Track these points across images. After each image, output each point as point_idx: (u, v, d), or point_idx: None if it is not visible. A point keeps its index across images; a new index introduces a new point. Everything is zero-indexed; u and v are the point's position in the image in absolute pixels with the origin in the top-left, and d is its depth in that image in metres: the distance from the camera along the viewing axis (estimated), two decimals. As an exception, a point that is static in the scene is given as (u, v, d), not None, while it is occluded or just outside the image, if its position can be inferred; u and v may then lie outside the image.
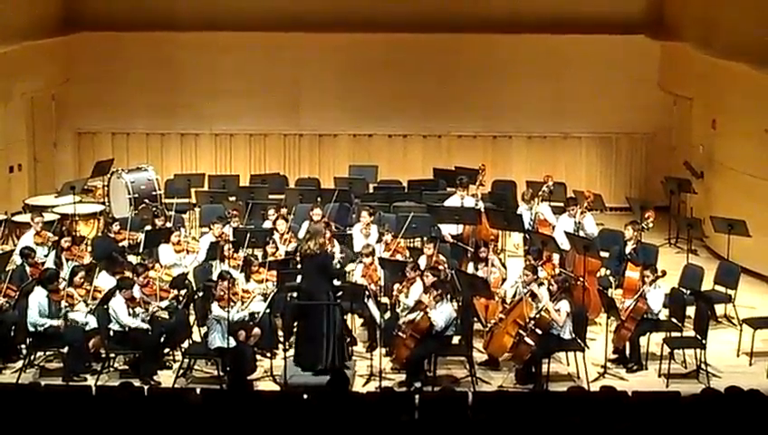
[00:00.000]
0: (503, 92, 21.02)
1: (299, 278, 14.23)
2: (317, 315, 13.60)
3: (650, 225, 15.96)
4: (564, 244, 15.74)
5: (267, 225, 16.51)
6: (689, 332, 14.24)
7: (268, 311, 14.11)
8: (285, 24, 20.66)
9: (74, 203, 17.83)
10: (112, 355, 13.94)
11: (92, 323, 13.87)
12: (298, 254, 14.32)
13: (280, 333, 14.61)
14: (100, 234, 17.61)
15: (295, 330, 14.07)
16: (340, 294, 14.05)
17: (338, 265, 15.04)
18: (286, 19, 20.67)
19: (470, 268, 15.21)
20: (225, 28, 20.73)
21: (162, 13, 20.89)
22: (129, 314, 13.64)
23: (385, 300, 14.63)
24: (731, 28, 17.94)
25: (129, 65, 21.09)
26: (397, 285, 14.36)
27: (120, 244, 16.27)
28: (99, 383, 13.32)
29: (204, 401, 10.81)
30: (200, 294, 14.49)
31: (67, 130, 21.37)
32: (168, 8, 20.95)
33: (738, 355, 14.54)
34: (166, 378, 13.72)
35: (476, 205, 16.81)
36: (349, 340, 14.41)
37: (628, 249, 15.40)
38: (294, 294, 14.26)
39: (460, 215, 16.51)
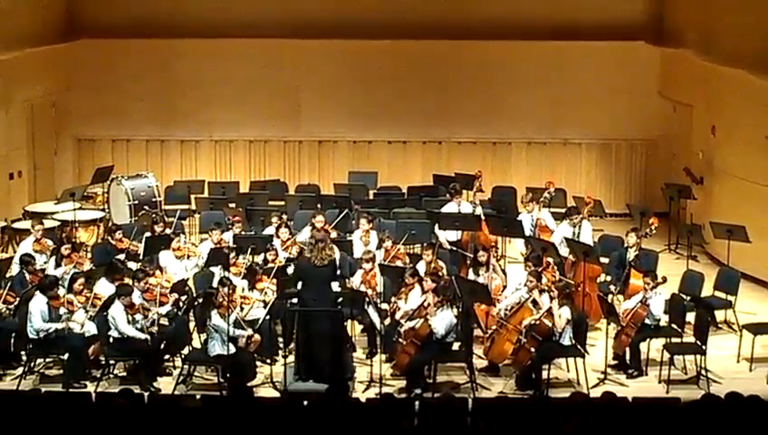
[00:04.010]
0: (503, 99, 21.04)
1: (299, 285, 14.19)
2: (320, 325, 13.56)
3: (654, 231, 15.98)
4: (562, 250, 15.75)
5: (268, 231, 16.51)
6: (689, 338, 14.23)
7: (268, 318, 14.11)
8: (285, 31, 20.69)
9: (74, 210, 17.84)
10: (112, 362, 13.94)
11: (92, 329, 13.86)
12: (303, 262, 14.14)
13: (280, 339, 14.60)
14: (100, 241, 17.62)
15: (294, 339, 14.04)
16: (339, 300, 14.06)
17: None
18: (286, 26, 20.70)
19: (470, 275, 15.21)
20: (226, 35, 20.74)
21: (163, 20, 20.91)
22: (129, 322, 13.63)
23: (385, 306, 14.63)
24: (731, 35, 17.96)
25: (130, 72, 21.11)
26: (393, 298, 14.36)
27: (120, 252, 16.26)
28: (99, 390, 13.33)
29: (204, 408, 10.80)
30: (200, 300, 14.48)
31: (67, 136, 21.37)
32: (168, 16, 20.97)
33: (738, 361, 14.54)
34: (166, 385, 13.71)
35: (474, 211, 16.82)
36: (348, 345, 14.41)
37: (630, 256, 15.37)
38: (294, 301, 14.24)
39: (461, 221, 16.51)
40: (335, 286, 14.39)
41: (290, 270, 14.93)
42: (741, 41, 17.60)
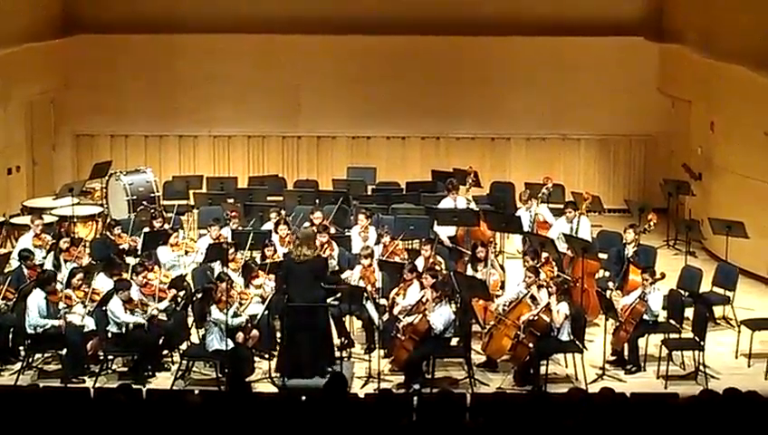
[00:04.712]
0: (501, 95, 21.04)
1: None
2: (301, 321, 13.55)
3: (652, 227, 15.99)
4: (560, 246, 15.76)
5: (267, 226, 16.51)
6: (688, 333, 14.24)
7: (266, 313, 14.11)
8: (284, 27, 20.68)
9: (73, 205, 17.83)
10: (111, 357, 13.94)
11: (91, 325, 13.87)
12: (290, 258, 14.15)
13: (278, 334, 14.59)
14: (99, 236, 17.61)
15: (279, 336, 14.07)
16: (338, 295, 14.04)
17: (336, 268, 15.07)
18: (285, 22, 20.69)
19: (468, 270, 15.20)
20: (224, 31, 20.74)
21: (161, 16, 20.90)
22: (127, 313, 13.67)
23: (383, 302, 14.63)
24: (729, 31, 17.95)
25: (128, 68, 21.11)
26: (393, 291, 14.36)
27: (119, 247, 16.26)
28: (97, 385, 13.32)
29: (202, 403, 10.80)
30: (198, 295, 14.48)
31: (65, 132, 21.37)
32: (166, 11, 20.96)
33: (737, 357, 14.54)
34: (164, 380, 13.71)
35: (468, 206, 16.83)
36: (347, 341, 14.41)
37: (629, 252, 15.36)
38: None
39: (458, 216, 16.51)
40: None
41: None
42: (740, 37, 17.60)
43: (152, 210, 17.80)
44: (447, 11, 20.65)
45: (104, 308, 13.80)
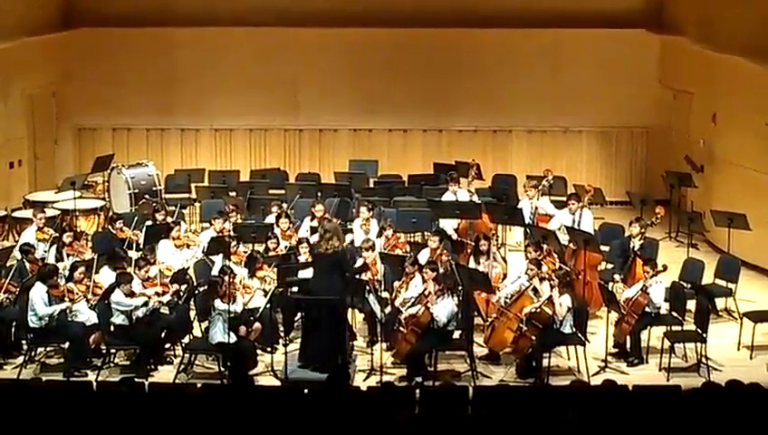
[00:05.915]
0: (503, 87, 21.02)
1: (306, 273, 14.19)
2: (318, 313, 13.57)
3: (659, 220, 15.99)
4: (561, 237, 15.75)
5: (268, 220, 16.50)
6: (690, 325, 14.23)
7: (269, 306, 14.11)
8: (285, 20, 20.66)
9: (75, 199, 17.83)
10: (113, 351, 13.95)
11: (93, 318, 13.87)
12: (314, 251, 14.22)
13: (280, 328, 14.61)
14: (101, 229, 17.61)
15: (300, 329, 14.07)
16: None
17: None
18: (286, 14, 20.68)
19: (471, 263, 15.19)
20: (225, 24, 20.73)
21: (161, 8, 20.90)
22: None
23: (385, 294, 14.63)
24: (731, 22, 17.93)
25: (129, 61, 21.09)
26: (396, 283, 14.37)
27: (121, 241, 16.24)
28: (99, 379, 13.35)
29: (205, 397, 10.81)
30: (201, 289, 14.48)
31: (67, 126, 21.36)
32: (166, 4, 20.95)
33: (739, 349, 14.54)
34: (166, 373, 13.71)
35: (470, 199, 16.82)
36: (349, 334, 14.41)
37: (636, 246, 15.30)
38: (294, 289, 14.26)
39: (461, 209, 16.50)
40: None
41: (291, 259, 14.95)
42: (741, 28, 17.57)
43: (154, 204, 17.79)
44: (449, 3, 20.64)
45: (107, 302, 13.79)
